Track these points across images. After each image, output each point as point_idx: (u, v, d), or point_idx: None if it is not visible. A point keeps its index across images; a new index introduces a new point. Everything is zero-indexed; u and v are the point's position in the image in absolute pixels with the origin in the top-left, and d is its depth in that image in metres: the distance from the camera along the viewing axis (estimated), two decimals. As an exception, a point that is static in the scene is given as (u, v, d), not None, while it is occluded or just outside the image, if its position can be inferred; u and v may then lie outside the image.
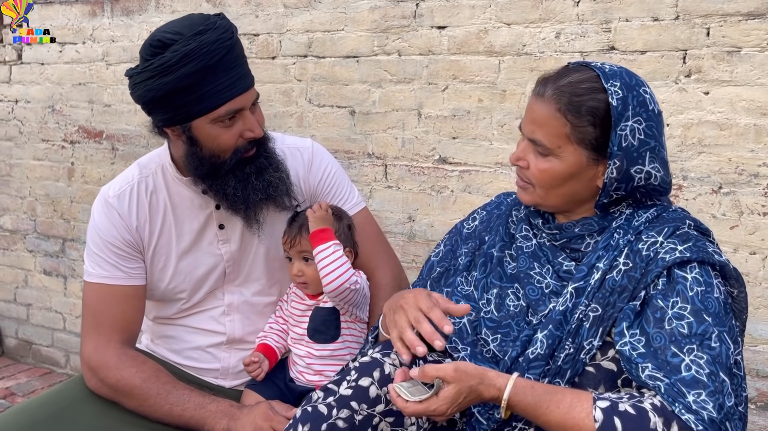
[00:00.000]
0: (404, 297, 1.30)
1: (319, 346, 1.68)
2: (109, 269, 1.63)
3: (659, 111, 1.28)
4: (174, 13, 2.92)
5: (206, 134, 1.53)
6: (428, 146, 2.43)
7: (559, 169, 1.27)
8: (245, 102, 1.53)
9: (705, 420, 1.07)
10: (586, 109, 1.24)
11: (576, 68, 1.29)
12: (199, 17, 1.53)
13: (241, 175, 1.57)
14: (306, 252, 1.66)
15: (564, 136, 1.25)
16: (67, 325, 3.43)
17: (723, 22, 1.96)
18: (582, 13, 2.15)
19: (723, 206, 2.01)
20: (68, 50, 3.24)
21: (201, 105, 1.49)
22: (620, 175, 1.25)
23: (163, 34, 1.49)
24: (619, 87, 1.24)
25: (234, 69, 1.50)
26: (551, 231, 1.35)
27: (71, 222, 3.34)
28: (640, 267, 1.23)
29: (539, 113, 1.27)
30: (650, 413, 1.10)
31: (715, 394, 1.09)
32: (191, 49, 1.44)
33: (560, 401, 1.15)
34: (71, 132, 3.29)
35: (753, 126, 1.95)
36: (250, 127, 1.55)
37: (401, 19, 2.43)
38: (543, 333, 1.26)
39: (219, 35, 1.47)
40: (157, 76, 1.46)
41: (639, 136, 1.24)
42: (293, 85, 2.68)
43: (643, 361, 1.15)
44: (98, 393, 1.63)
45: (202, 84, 1.47)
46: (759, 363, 2.01)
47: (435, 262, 1.54)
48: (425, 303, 1.24)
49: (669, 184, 1.30)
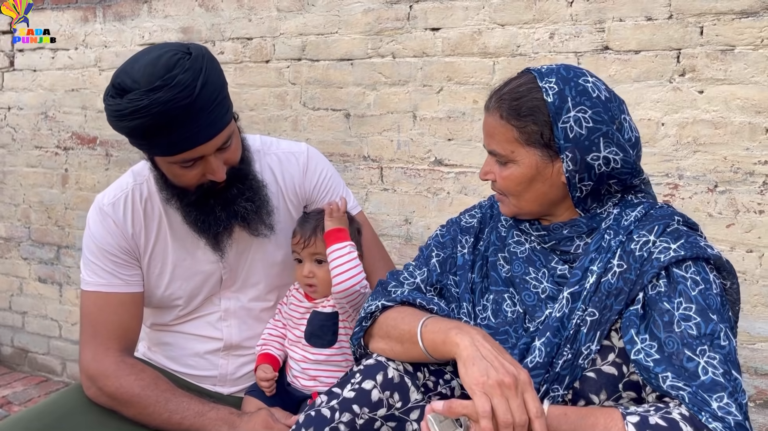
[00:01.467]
0: (521, 378, 1.12)
1: (315, 350, 1.68)
2: (106, 277, 1.62)
3: (609, 97, 1.28)
4: (167, 17, 2.91)
5: (167, 169, 1.52)
6: (424, 148, 2.43)
7: (519, 173, 1.30)
8: (206, 150, 1.47)
9: (732, 427, 1.08)
10: (525, 109, 1.27)
11: (517, 76, 1.33)
12: (162, 67, 1.40)
13: (204, 206, 1.55)
14: (319, 254, 1.66)
15: (514, 141, 1.29)
16: (63, 333, 3.41)
17: (716, 20, 1.97)
18: (576, 14, 2.15)
19: (719, 204, 2.01)
20: (60, 56, 3.22)
21: (157, 150, 1.47)
22: (578, 166, 1.26)
23: (124, 77, 1.42)
24: (555, 83, 1.27)
25: (195, 121, 1.42)
26: (539, 233, 1.36)
27: (66, 229, 3.32)
28: (634, 269, 1.23)
29: (489, 125, 1.32)
30: (680, 423, 1.09)
31: (733, 395, 1.10)
32: (142, 106, 1.38)
33: (595, 425, 1.13)
34: (65, 138, 3.27)
35: (748, 124, 1.95)
36: (212, 171, 1.49)
37: (395, 22, 2.43)
38: (541, 340, 1.26)
39: (174, 95, 1.37)
40: (114, 117, 1.44)
41: (586, 125, 1.25)
42: (287, 88, 2.67)
43: (662, 370, 1.14)
44: (97, 401, 1.62)
45: (156, 136, 1.42)
46: (757, 361, 2.01)
47: (434, 245, 1.50)
48: (534, 407, 1.11)
49: (633, 164, 1.30)
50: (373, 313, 1.38)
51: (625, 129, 1.29)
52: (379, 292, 1.43)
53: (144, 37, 2.99)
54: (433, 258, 1.46)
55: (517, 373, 1.12)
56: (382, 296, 1.40)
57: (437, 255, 1.46)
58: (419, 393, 1.31)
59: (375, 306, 1.37)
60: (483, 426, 1.08)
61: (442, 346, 1.21)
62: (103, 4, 3.08)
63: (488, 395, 1.09)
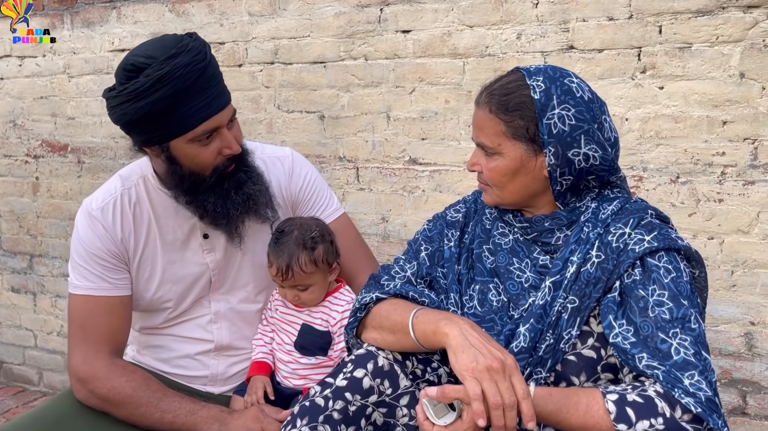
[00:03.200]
0: (508, 362, 1.20)
1: (305, 359, 1.72)
2: (95, 281, 1.64)
3: (591, 98, 1.36)
4: (136, 23, 2.92)
5: (185, 154, 1.55)
6: (398, 148, 2.49)
7: (504, 164, 1.37)
8: (221, 120, 1.55)
9: (702, 401, 1.16)
10: (513, 105, 1.34)
11: (507, 74, 1.41)
12: (171, 39, 1.54)
13: (220, 191, 1.60)
14: (300, 285, 1.67)
15: (501, 134, 1.36)
16: (38, 342, 3.38)
17: (674, 19, 2.07)
18: (541, 15, 2.23)
19: (681, 195, 2.11)
20: (28, 63, 3.20)
21: (177, 127, 1.51)
22: (559, 161, 1.33)
23: (136, 58, 1.50)
24: (542, 81, 1.34)
25: (208, 89, 1.51)
26: (522, 224, 1.43)
27: (38, 238, 3.30)
28: (612, 259, 1.31)
29: (478, 118, 1.39)
30: (656, 399, 1.18)
31: (704, 373, 1.19)
32: (164, 73, 1.45)
33: (578, 403, 1.21)
34: (34, 146, 3.25)
35: (706, 117, 2.06)
36: (228, 144, 1.57)
37: (366, 24, 2.48)
38: (525, 326, 1.33)
39: (192, 58, 1.48)
40: (132, 100, 1.48)
41: (569, 122, 1.32)
42: (261, 91, 2.71)
43: (638, 352, 1.23)
44: (88, 404, 1.64)
45: (177, 106, 1.48)
46: (721, 342, 2.12)
47: (422, 240, 1.55)
48: (521, 389, 1.19)
49: (611, 162, 1.38)
50: (367, 305, 1.43)
51: (606, 128, 1.37)
52: (372, 285, 1.48)
53: (114, 43, 2.99)
54: (422, 252, 1.52)
55: (504, 358, 1.19)
56: (376, 289, 1.46)
57: (426, 249, 1.52)
58: (408, 380, 1.38)
59: (369, 298, 1.43)
60: (475, 408, 1.14)
61: (433, 336, 1.28)
62: (71, 10, 3.07)
63: (478, 379, 1.16)
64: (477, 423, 1.15)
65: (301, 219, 1.74)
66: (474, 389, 1.15)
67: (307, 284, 1.67)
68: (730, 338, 2.11)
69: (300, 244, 1.65)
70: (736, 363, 2.10)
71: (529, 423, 1.16)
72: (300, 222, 1.71)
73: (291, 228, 1.68)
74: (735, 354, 2.10)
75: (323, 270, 1.69)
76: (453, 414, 1.20)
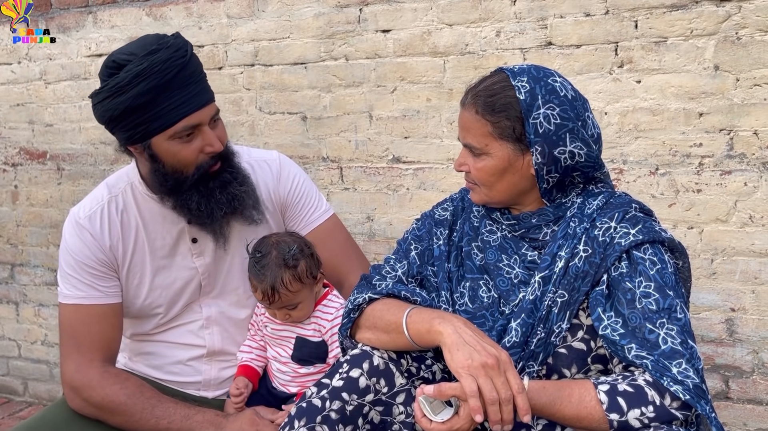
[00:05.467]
0: (502, 358, 1.22)
1: (305, 368, 1.72)
2: (85, 289, 1.64)
3: (575, 96, 1.39)
4: (113, 27, 2.90)
5: (166, 150, 1.56)
6: (381, 147, 2.51)
7: (492, 164, 1.39)
8: (202, 117, 1.56)
9: (690, 389, 1.20)
10: (499, 105, 1.36)
11: (491, 75, 1.43)
12: (153, 37, 1.57)
13: (204, 189, 1.60)
14: (288, 305, 1.65)
15: (488, 135, 1.38)
16: (22, 352, 3.35)
17: (649, 14, 2.11)
18: (519, 12, 2.26)
19: (661, 186, 2.16)
20: (3, 71, 3.16)
21: (157, 122, 1.52)
22: (546, 159, 1.36)
23: (118, 56, 1.54)
24: (526, 81, 1.37)
25: (189, 85, 1.53)
26: (510, 221, 1.45)
27: (19, 247, 3.26)
28: (598, 253, 1.34)
29: (465, 119, 1.41)
30: (645, 388, 1.22)
31: (691, 361, 1.23)
32: (143, 68, 1.48)
33: (570, 395, 1.24)
34: (12, 154, 3.21)
35: (683, 110, 2.10)
36: (210, 142, 1.57)
37: (346, 25, 2.49)
38: (516, 322, 1.36)
39: (171, 54, 1.51)
40: (113, 96, 1.50)
41: (555, 121, 1.35)
42: (242, 94, 2.71)
43: (627, 343, 1.26)
44: (82, 412, 1.64)
45: (157, 102, 1.50)
46: (703, 329, 2.17)
47: (411, 239, 1.56)
48: (516, 384, 1.20)
49: (595, 158, 1.41)
50: (360, 305, 1.45)
51: (589, 125, 1.40)
52: (365, 286, 1.50)
53: (91, 49, 2.96)
54: (412, 251, 1.54)
55: (498, 354, 1.22)
56: (368, 289, 1.47)
57: (416, 248, 1.54)
58: (404, 378, 1.40)
59: (362, 298, 1.45)
60: (472, 404, 1.17)
61: (427, 335, 1.30)
62: (46, 16, 3.04)
63: (474, 376, 1.19)
64: (474, 419, 1.18)
65: (276, 236, 1.69)
66: (470, 386, 1.18)
67: (296, 302, 1.65)
68: (712, 325, 2.16)
69: (281, 264, 1.61)
70: (718, 349, 2.15)
71: (525, 416, 1.19)
72: (275, 240, 1.66)
73: (268, 249, 1.64)
74: (717, 340, 2.16)
75: (309, 285, 1.67)
76: (450, 411, 1.22)
